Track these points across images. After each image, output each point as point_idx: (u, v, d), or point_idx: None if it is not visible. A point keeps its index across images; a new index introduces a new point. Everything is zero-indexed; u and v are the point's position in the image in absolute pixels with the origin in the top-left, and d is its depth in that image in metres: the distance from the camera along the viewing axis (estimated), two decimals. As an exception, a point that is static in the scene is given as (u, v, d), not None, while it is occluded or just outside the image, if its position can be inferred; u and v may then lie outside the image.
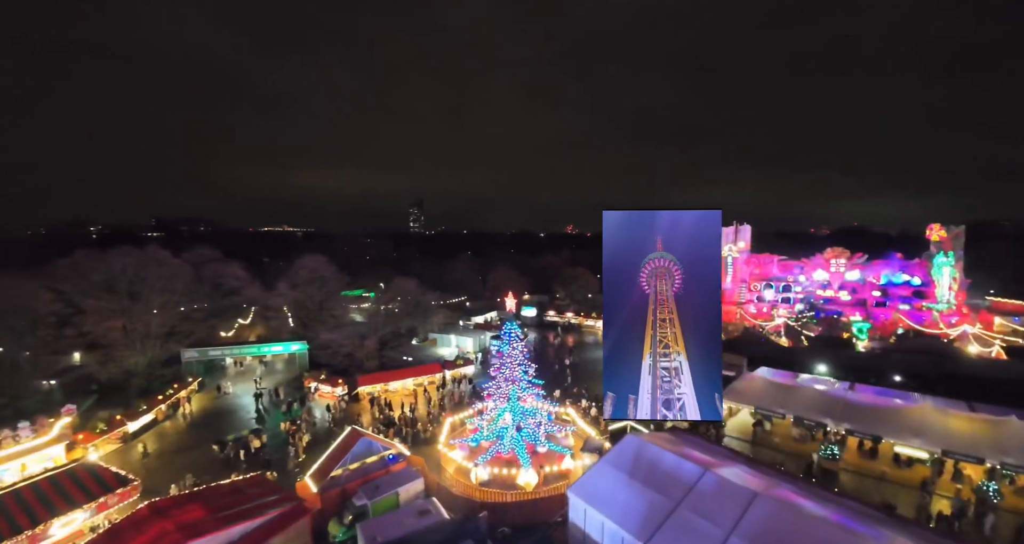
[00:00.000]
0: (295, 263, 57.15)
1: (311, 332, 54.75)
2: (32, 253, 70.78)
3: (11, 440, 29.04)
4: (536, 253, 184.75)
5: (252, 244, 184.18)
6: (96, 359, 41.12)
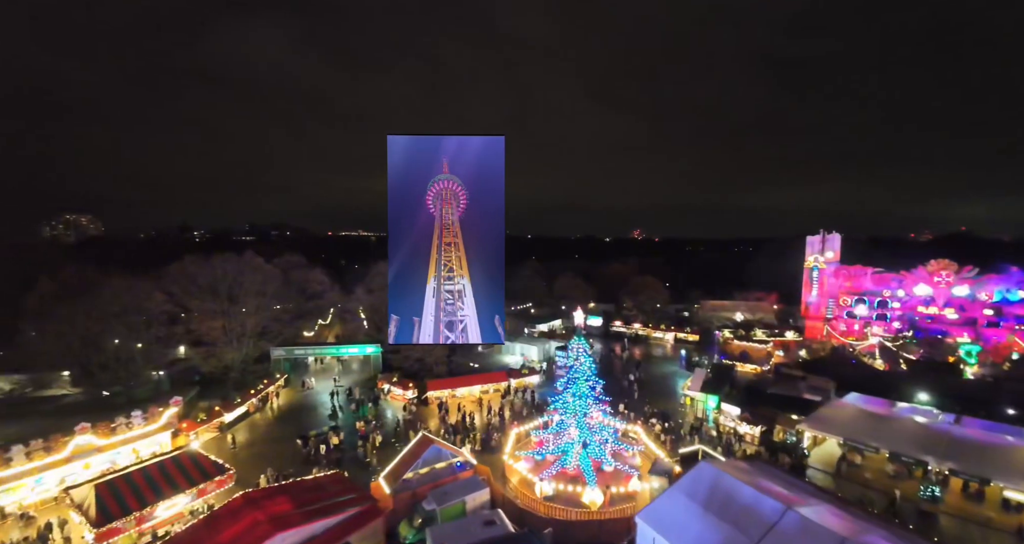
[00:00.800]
0: (371, 269, 60.33)
1: (384, 335, 57.47)
2: (146, 255, 79.70)
3: (125, 427, 32.74)
4: (601, 259, 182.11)
5: (331, 247, 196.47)
6: (199, 354, 45.76)
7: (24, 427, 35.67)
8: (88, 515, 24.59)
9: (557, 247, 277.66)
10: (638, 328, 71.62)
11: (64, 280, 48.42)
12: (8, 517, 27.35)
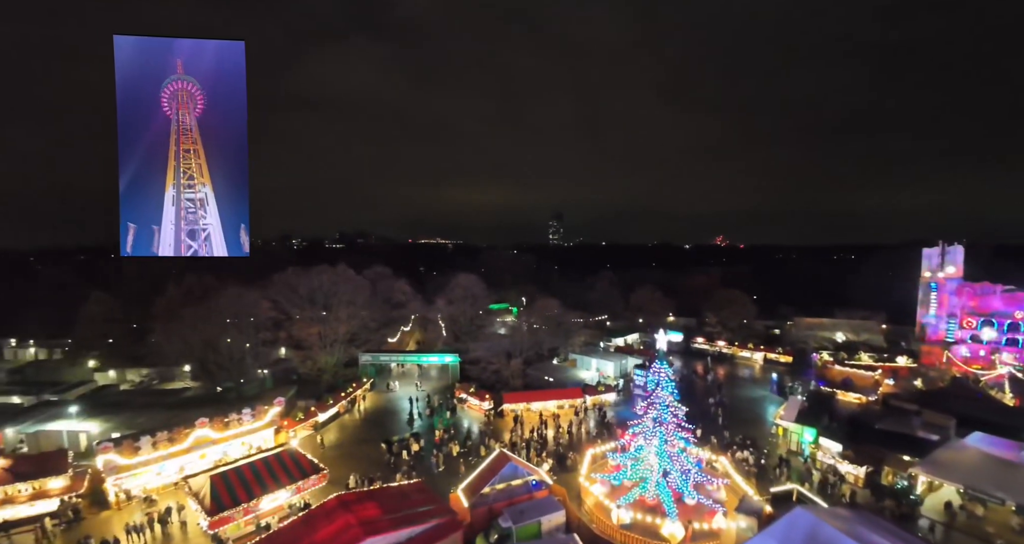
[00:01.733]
0: (450, 279, 62.54)
1: (462, 343, 59.37)
2: (254, 263, 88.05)
3: (236, 422, 36.37)
4: (680, 267, 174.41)
5: (411, 255, 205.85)
6: (298, 357, 49.97)
7: (151, 417, 40.72)
8: (204, 504, 27.55)
9: (633, 255, 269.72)
10: (722, 346, 67.64)
11: (187, 287, 55.20)
12: (133, 499, 31.40)
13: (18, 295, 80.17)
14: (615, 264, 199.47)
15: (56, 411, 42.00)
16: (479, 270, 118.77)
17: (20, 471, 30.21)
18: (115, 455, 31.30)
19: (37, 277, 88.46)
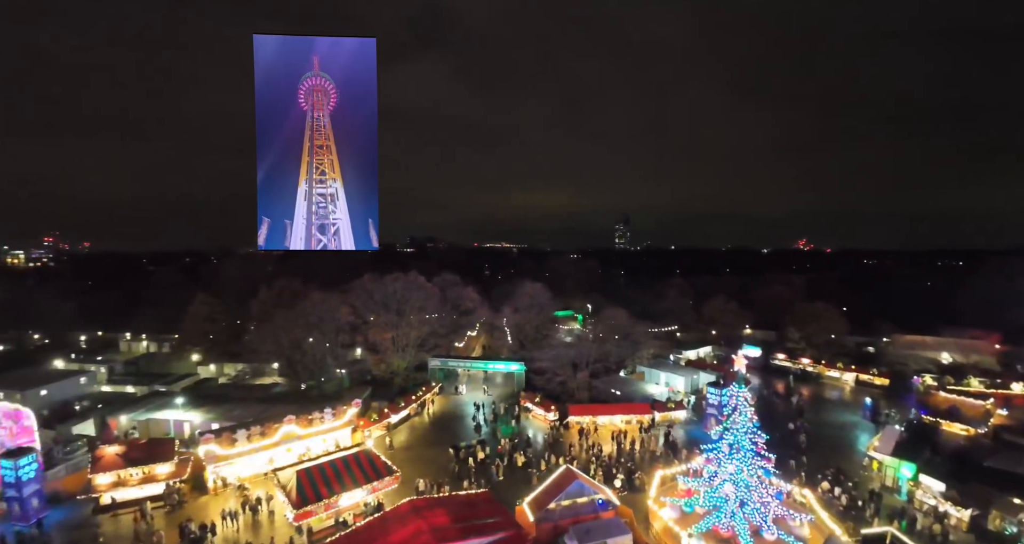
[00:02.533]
0: (517, 289, 63.20)
1: (527, 351, 59.74)
2: (332, 264, 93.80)
3: (319, 420, 38.89)
4: (758, 273, 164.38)
5: (478, 259, 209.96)
6: (372, 360, 52.69)
7: (245, 410, 44.45)
8: (290, 497, 29.72)
9: (705, 260, 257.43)
10: (807, 364, 62.71)
11: (278, 291, 59.91)
12: (229, 486, 34.43)
13: (133, 293, 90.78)
14: (685, 270, 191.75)
15: (164, 401, 47.06)
16: (543, 275, 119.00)
17: (132, 457, 33.97)
18: (215, 445, 34.55)
19: (149, 277, 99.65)
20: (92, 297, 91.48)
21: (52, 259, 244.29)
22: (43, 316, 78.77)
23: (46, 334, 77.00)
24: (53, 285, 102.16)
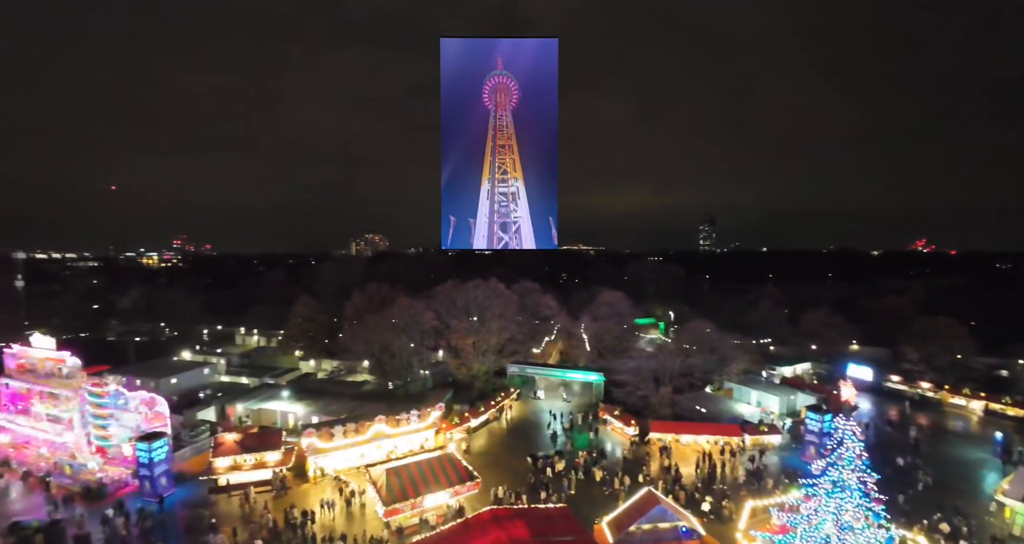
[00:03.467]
0: (596, 297, 62.38)
1: (605, 361, 58.80)
2: (420, 272, 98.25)
3: (406, 421, 40.99)
4: (866, 279, 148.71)
5: (553, 261, 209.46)
6: (454, 364, 54.64)
7: (340, 406, 48.00)
8: (381, 493, 31.64)
9: (802, 263, 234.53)
10: (926, 389, 55.50)
11: (369, 295, 64.02)
12: (326, 476, 37.30)
13: (247, 292, 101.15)
14: (780, 275, 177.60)
15: (272, 392, 52.06)
16: (622, 279, 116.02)
17: (247, 444, 37.89)
18: (316, 439, 37.70)
19: (260, 278, 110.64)
20: (213, 294, 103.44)
21: (181, 260, 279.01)
22: (173, 311, 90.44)
23: (175, 327, 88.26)
24: (181, 283, 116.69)
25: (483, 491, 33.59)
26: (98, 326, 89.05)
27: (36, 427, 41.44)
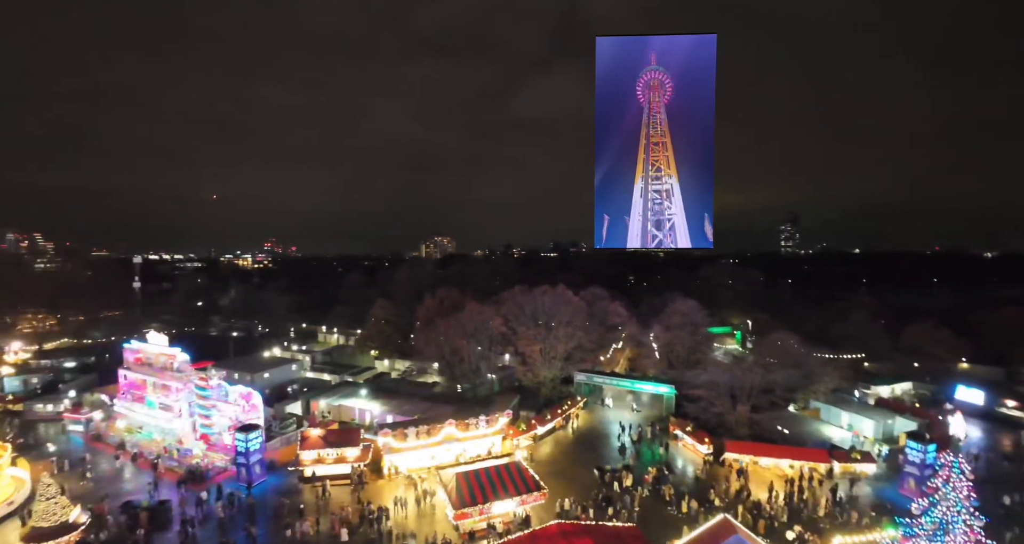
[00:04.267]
0: (667, 305, 60.31)
1: (676, 372, 56.69)
2: (488, 277, 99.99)
3: (474, 426, 41.90)
4: (978, 286, 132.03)
5: (621, 264, 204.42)
6: (521, 370, 55.13)
7: (412, 406, 49.87)
8: (451, 497, 32.63)
9: (903, 266, 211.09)
10: (1052, 417, 48.36)
11: (440, 299, 66.16)
12: (399, 474, 38.99)
13: (328, 292, 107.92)
14: (875, 280, 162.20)
15: (351, 390, 55.22)
16: (694, 283, 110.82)
17: (330, 439, 40.47)
18: (391, 438, 39.57)
19: (340, 279, 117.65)
20: (299, 294, 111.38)
21: (271, 261, 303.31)
22: (264, 309, 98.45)
23: (266, 324, 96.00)
24: (272, 283, 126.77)
25: (549, 501, 33.63)
26: (202, 322, 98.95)
27: (149, 414, 46.88)
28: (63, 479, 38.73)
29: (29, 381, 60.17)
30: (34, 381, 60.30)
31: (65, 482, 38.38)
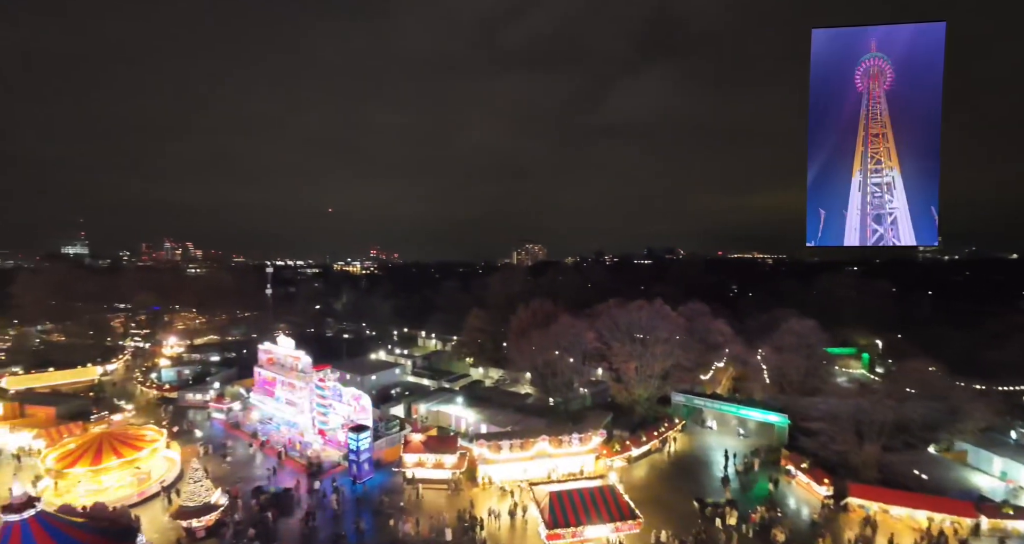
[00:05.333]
0: (778, 323, 55.56)
1: (789, 397, 52.01)
2: (581, 288, 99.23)
3: (567, 443, 41.78)
4: None
5: (721, 271, 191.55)
6: (615, 388, 53.93)
7: (505, 417, 50.84)
8: (544, 515, 32.77)
9: None
10: None
11: (533, 310, 66.98)
12: (493, 484, 39.94)
13: (427, 298, 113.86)
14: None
15: (448, 397, 57.72)
16: (809, 295, 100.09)
17: (430, 445, 42.68)
18: (486, 449, 40.83)
19: (437, 285, 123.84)
20: (401, 299, 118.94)
21: (376, 268, 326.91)
22: (371, 313, 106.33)
23: (373, 327, 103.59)
24: (377, 289, 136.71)
25: (644, 530, 32.52)
26: (319, 323, 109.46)
27: (277, 408, 52.79)
28: (206, 462, 45.05)
29: (182, 373, 70.52)
30: (186, 373, 70.53)
31: (208, 465, 44.67)
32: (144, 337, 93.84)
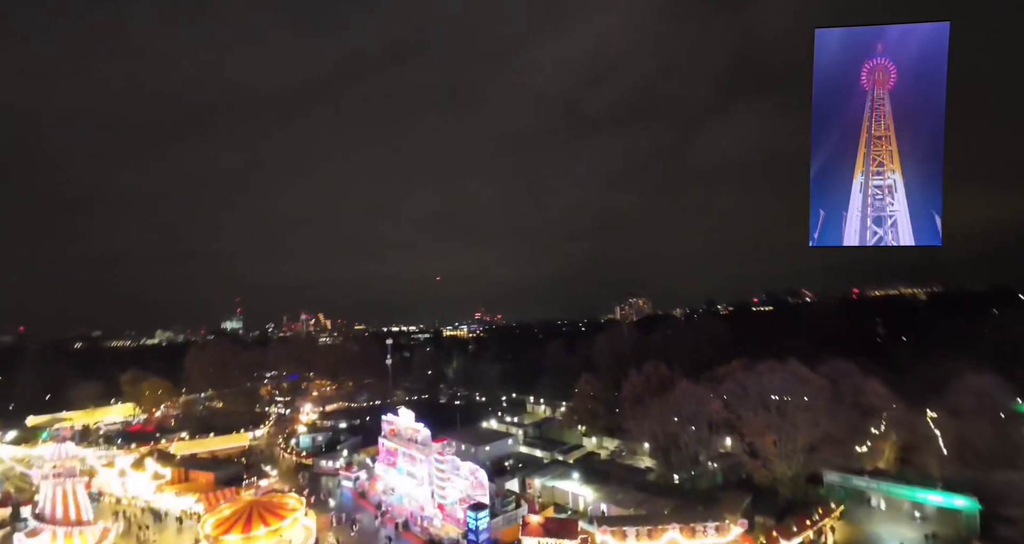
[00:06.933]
0: (951, 381, 46.30)
1: (977, 471, 42.07)
2: (693, 339, 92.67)
3: (702, 532, 37.24)
4: None
5: (861, 311, 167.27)
6: (751, 465, 47.75)
7: (626, 496, 47.27)
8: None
9: None
10: None
11: (647, 374, 63.23)
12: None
13: (533, 360, 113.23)
14: None
15: (563, 471, 55.22)
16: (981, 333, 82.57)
17: (549, 528, 40.64)
18: (610, 536, 37.81)
19: (542, 346, 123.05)
20: (508, 362, 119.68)
21: (483, 331, 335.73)
22: (481, 378, 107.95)
23: (482, 392, 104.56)
24: (484, 352, 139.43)
25: None
26: (433, 389, 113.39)
27: (399, 479, 54.08)
28: (337, 533, 47.18)
29: (316, 439, 75.66)
30: (319, 439, 75.59)
31: (339, 536, 46.68)
32: (285, 404, 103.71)
